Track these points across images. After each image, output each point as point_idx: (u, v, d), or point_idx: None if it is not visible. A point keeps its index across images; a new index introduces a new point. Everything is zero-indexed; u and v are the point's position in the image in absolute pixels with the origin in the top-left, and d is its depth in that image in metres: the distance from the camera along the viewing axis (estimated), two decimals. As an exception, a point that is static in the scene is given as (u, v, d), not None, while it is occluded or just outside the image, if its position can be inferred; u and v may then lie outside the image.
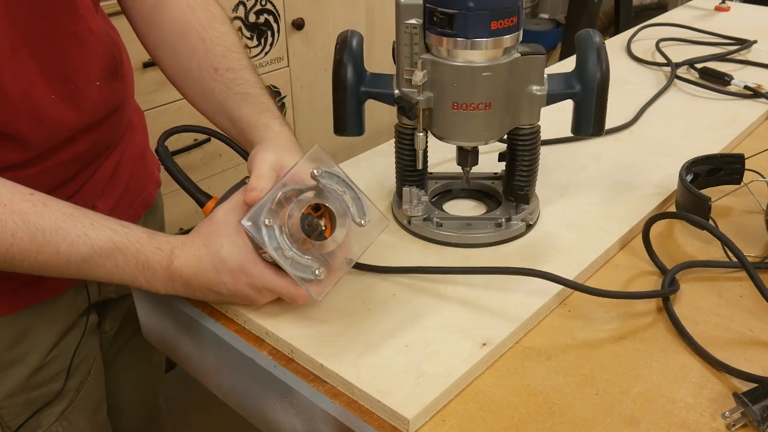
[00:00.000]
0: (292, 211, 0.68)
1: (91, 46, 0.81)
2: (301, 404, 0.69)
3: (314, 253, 0.68)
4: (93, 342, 0.96)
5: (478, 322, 0.75)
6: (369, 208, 0.68)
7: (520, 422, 0.65)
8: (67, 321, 0.90)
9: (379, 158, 1.09)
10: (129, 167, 0.95)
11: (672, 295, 0.80)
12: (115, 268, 0.71)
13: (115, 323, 1.02)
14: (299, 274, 0.68)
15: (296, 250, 0.68)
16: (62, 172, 0.83)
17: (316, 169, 0.67)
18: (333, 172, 0.68)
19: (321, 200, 0.67)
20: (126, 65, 0.92)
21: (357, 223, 0.68)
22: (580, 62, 0.84)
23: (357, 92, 0.85)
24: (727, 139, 1.13)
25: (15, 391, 0.85)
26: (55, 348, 0.88)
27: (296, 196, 0.69)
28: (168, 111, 1.68)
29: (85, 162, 0.86)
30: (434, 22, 0.78)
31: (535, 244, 0.88)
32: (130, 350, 1.07)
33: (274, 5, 1.88)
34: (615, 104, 1.01)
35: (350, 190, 0.68)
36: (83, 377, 0.93)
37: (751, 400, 0.64)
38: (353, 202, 0.68)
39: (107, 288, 0.95)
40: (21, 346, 0.85)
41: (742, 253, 0.77)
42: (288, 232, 0.67)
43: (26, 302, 0.84)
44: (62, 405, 0.91)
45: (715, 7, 1.78)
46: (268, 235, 0.67)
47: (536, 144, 0.88)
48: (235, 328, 0.77)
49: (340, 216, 0.67)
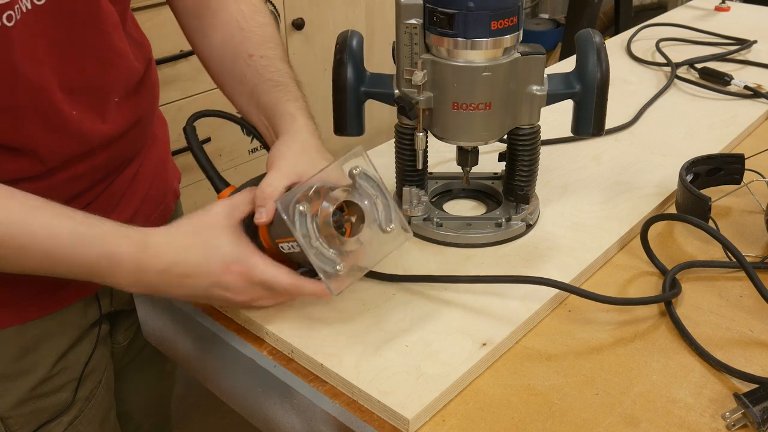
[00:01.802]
0: (324, 204, 0.67)
1: (114, 62, 0.80)
2: (301, 404, 0.69)
3: (338, 249, 0.68)
4: (104, 352, 0.95)
5: (478, 322, 0.75)
6: (396, 218, 0.68)
7: (520, 422, 0.65)
8: (77, 332, 0.89)
9: (379, 158, 1.09)
10: (148, 179, 0.93)
11: (674, 298, 0.79)
12: (75, 261, 0.66)
13: (129, 334, 1.01)
14: (322, 266, 0.67)
15: (324, 241, 0.67)
16: (76, 185, 0.81)
17: (355, 168, 0.66)
18: (370, 174, 0.68)
19: (354, 199, 0.67)
20: (153, 78, 0.91)
21: (382, 229, 0.68)
22: (580, 62, 0.84)
23: (357, 92, 0.85)
24: (727, 139, 1.13)
25: (22, 400, 0.85)
26: (63, 358, 0.87)
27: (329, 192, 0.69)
28: (169, 111, 1.68)
29: (101, 175, 0.84)
30: (434, 22, 0.78)
31: (535, 244, 0.88)
32: (142, 360, 1.06)
33: (274, 5, 1.88)
34: (615, 104, 1.02)
35: (382, 196, 0.68)
36: (93, 387, 0.93)
37: (751, 402, 0.64)
38: (383, 209, 0.68)
39: (120, 299, 0.94)
40: (29, 357, 0.84)
41: (741, 254, 0.77)
42: (317, 223, 0.67)
43: (35, 313, 0.83)
44: (71, 415, 0.90)
45: (715, 7, 1.78)
46: (300, 221, 0.66)
47: (536, 144, 0.88)
48: (235, 328, 0.77)
49: (369, 218, 0.67)
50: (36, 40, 0.70)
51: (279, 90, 0.83)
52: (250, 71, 0.84)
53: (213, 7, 0.88)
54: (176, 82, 1.61)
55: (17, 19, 0.67)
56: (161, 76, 1.06)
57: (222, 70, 0.88)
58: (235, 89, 0.87)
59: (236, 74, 0.86)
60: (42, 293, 0.82)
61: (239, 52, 0.85)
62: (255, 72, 0.84)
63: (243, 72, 0.85)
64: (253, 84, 0.84)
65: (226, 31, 0.87)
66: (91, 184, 0.83)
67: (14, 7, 0.66)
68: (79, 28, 0.74)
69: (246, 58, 0.85)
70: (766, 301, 0.75)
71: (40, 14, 0.69)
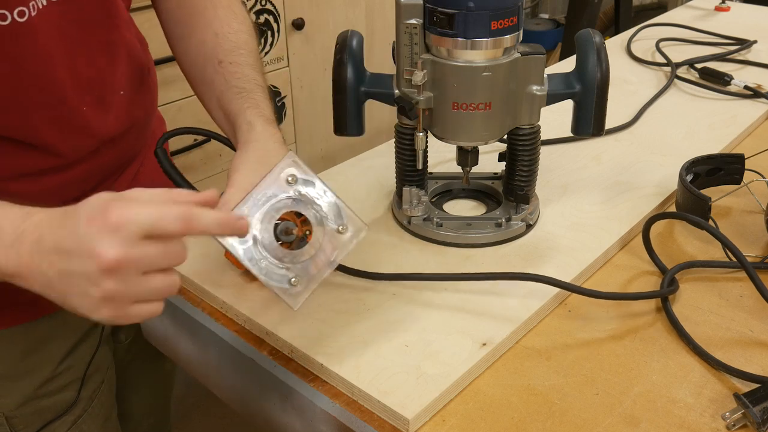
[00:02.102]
0: (264, 221, 0.66)
1: (122, 56, 0.81)
2: (301, 404, 0.69)
3: (292, 260, 0.67)
4: (107, 351, 0.96)
5: (478, 322, 0.75)
6: (346, 214, 0.67)
7: (520, 422, 0.65)
8: (81, 331, 0.89)
9: (379, 158, 1.09)
10: (149, 179, 0.93)
11: (671, 295, 0.80)
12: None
13: (131, 333, 1.01)
14: (275, 284, 0.66)
15: (272, 259, 0.66)
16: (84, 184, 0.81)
17: (290, 177, 0.66)
18: (308, 178, 0.67)
19: (295, 208, 0.67)
20: (153, 76, 0.92)
21: (334, 229, 0.67)
22: (580, 62, 0.84)
23: (357, 92, 0.85)
24: (727, 139, 1.13)
25: (27, 400, 0.85)
26: (67, 358, 0.88)
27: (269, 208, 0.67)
28: (169, 111, 1.68)
29: (107, 172, 0.85)
30: (434, 22, 0.78)
31: (535, 244, 0.88)
32: (143, 359, 1.06)
33: (274, 5, 1.88)
34: (615, 104, 1.02)
35: (326, 195, 0.67)
36: (96, 386, 0.93)
37: (751, 402, 0.64)
38: (330, 208, 0.67)
39: None
40: (34, 357, 0.85)
41: (742, 254, 0.77)
42: (261, 242, 0.66)
43: (39, 313, 0.84)
44: (75, 414, 0.90)
45: (715, 7, 1.78)
46: (243, 247, 0.65)
47: (536, 144, 0.88)
48: (235, 328, 0.77)
49: (316, 222, 0.67)
50: (49, 37, 0.70)
51: (241, 97, 0.82)
52: (218, 78, 0.84)
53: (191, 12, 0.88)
54: (176, 82, 1.61)
55: (30, 16, 0.67)
56: (161, 76, 1.06)
57: (195, 76, 0.88)
58: (205, 96, 0.87)
59: (207, 81, 0.85)
60: None
61: (210, 58, 0.85)
62: (222, 79, 0.84)
63: (212, 79, 0.84)
64: (220, 91, 0.83)
65: (200, 37, 0.87)
66: (97, 182, 0.84)
67: (28, 3, 0.66)
68: (92, 23, 0.75)
69: (216, 64, 0.84)
70: (766, 301, 0.75)
71: (54, 11, 0.70)
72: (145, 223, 0.54)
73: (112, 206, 0.55)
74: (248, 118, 0.78)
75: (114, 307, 0.56)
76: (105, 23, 0.77)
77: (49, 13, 0.69)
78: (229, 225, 0.59)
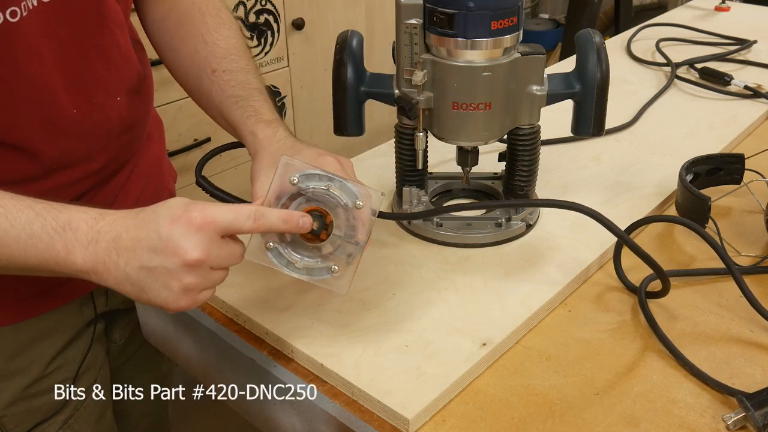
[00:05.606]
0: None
1: (117, 61, 0.80)
2: (301, 404, 0.69)
3: (324, 252, 0.68)
4: (100, 351, 0.95)
5: (478, 322, 0.75)
6: (356, 190, 0.69)
7: (520, 422, 0.65)
8: (72, 331, 0.89)
9: (379, 158, 1.09)
10: (143, 179, 0.93)
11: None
12: (30, 240, 0.60)
13: (125, 333, 1.01)
14: (318, 278, 0.68)
15: (307, 257, 0.68)
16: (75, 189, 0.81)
17: (292, 178, 0.67)
18: (308, 172, 0.68)
19: (309, 204, 0.68)
20: (148, 80, 0.92)
21: (353, 207, 0.69)
22: (580, 62, 0.84)
23: (357, 92, 0.85)
24: (727, 139, 1.14)
25: (17, 399, 0.85)
26: (58, 357, 0.88)
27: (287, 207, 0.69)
28: (168, 111, 1.68)
29: (99, 178, 0.84)
30: (434, 22, 0.78)
31: (535, 244, 0.88)
32: (139, 359, 1.06)
33: (274, 5, 1.88)
34: (615, 104, 1.02)
35: (332, 181, 0.68)
36: (89, 386, 0.93)
37: (753, 405, 0.63)
38: (341, 191, 0.68)
39: (114, 299, 0.94)
40: (23, 356, 0.85)
41: (731, 259, 0.77)
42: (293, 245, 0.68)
43: (30, 313, 0.83)
44: (66, 413, 0.90)
45: (715, 7, 1.78)
46: (275, 256, 0.67)
47: (536, 144, 0.88)
48: (235, 328, 0.77)
49: (332, 209, 0.68)
50: (40, 38, 0.70)
51: (239, 107, 0.82)
52: (214, 88, 0.85)
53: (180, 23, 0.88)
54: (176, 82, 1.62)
55: (22, 16, 0.67)
56: (161, 76, 1.05)
57: (190, 85, 0.89)
58: (204, 105, 0.88)
59: (203, 91, 0.86)
60: (37, 293, 0.82)
61: (203, 68, 0.85)
62: (219, 89, 0.84)
63: (208, 89, 0.85)
64: (218, 101, 0.84)
65: (191, 46, 0.87)
66: (89, 187, 0.83)
67: (20, 3, 0.66)
68: (85, 26, 0.74)
69: (210, 74, 0.85)
70: (754, 309, 0.75)
71: (45, 12, 0.69)
72: (225, 222, 0.61)
73: (192, 208, 0.61)
74: (250, 128, 0.80)
75: (189, 297, 0.62)
76: (98, 27, 0.76)
77: (40, 14, 0.69)
78: (292, 220, 0.65)
